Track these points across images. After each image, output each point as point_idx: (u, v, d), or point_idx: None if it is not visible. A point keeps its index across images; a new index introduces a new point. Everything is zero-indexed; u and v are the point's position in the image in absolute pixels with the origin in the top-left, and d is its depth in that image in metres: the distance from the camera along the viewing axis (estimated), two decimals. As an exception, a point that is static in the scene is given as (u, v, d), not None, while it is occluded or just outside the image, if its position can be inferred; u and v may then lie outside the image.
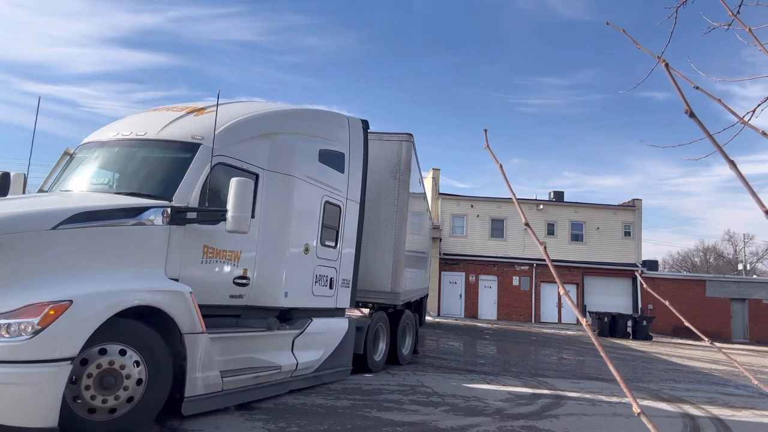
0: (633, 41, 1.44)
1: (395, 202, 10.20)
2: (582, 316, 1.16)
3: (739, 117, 1.23)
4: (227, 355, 6.10)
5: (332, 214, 8.36)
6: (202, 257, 5.99)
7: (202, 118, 6.69)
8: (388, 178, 10.31)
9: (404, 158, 10.38)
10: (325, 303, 8.23)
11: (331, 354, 8.20)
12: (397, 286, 10.03)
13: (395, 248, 10.07)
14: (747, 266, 54.83)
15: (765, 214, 1.02)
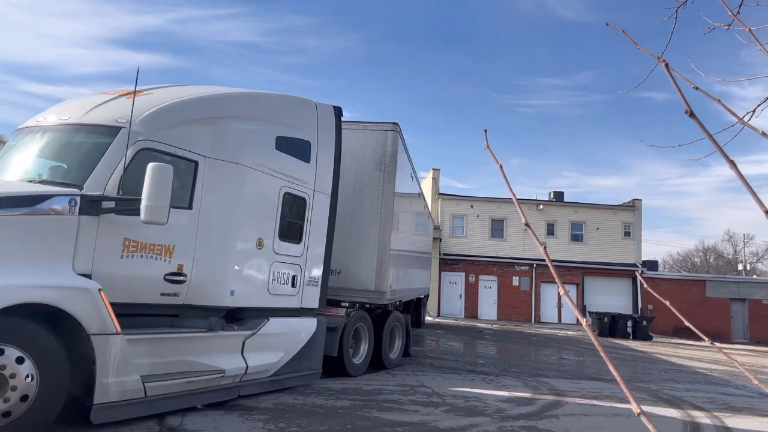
0: (633, 42, 1.44)
1: (380, 196, 9.62)
2: (582, 316, 1.16)
3: (738, 117, 1.23)
4: (155, 358, 5.57)
5: (295, 207, 7.71)
6: (123, 251, 5.42)
7: (134, 101, 6.17)
8: (372, 171, 9.72)
9: (389, 149, 9.77)
10: (286, 302, 7.58)
11: (294, 356, 7.59)
12: (382, 285, 9.47)
13: (380, 245, 9.50)
14: (747, 266, 54.83)
15: (765, 214, 1.02)
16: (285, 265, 7.50)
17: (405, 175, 11.41)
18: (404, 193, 11.57)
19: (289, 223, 7.58)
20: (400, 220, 11.18)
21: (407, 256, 13.37)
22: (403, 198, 11.55)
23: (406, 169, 11.59)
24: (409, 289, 14.23)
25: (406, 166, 11.50)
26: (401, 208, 11.23)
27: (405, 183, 11.57)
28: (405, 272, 12.82)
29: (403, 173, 11.12)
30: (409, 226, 13.29)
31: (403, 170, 10.94)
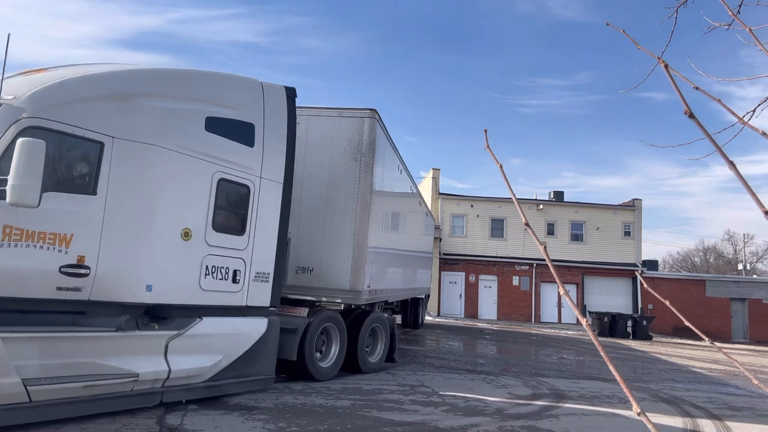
0: (633, 42, 1.45)
1: (356, 189, 8.92)
2: (582, 316, 1.16)
3: (738, 117, 1.23)
4: (47, 360, 5.04)
5: (234, 195, 7.00)
6: (2, 240, 4.91)
7: (31, 78, 5.65)
8: (347, 161, 9.03)
9: (366, 137, 9.07)
10: (226, 300, 6.84)
11: (237, 360, 6.87)
12: (358, 284, 8.80)
13: (355, 241, 8.82)
14: (747, 266, 54.80)
15: (765, 214, 1.02)
16: (222, 259, 6.72)
17: (388, 167, 10.68)
18: (388, 188, 10.93)
19: (227, 213, 6.90)
20: (384, 215, 10.59)
21: (396, 255, 12.90)
22: (388, 193, 10.91)
23: (390, 161, 10.87)
24: (400, 289, 13.72)
25: (390, 157, 10.74)
26: (385, 203, 10.60)
27: (389, 176, 10.86)
28: (392, 271, 12.29)
29: (386, 165, 10.39)
30: (398, 223, 12.79)
31: (385, 162, 10.23)
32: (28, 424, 5.16)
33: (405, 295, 15.55)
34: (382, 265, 10.82)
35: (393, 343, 10.48)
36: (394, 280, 12.64)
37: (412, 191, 14.82)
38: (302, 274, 8.64)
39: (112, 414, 5.73)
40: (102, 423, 5.40)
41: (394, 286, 12.76)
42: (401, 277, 13.98)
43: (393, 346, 10.49)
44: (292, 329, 8.01)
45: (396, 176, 11.82)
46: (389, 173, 10.85)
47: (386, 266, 11.47)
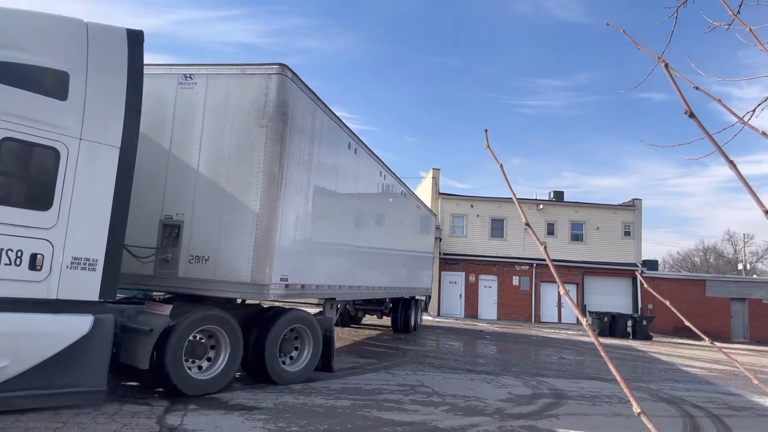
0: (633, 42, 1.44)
1: (260, 160, 7.43)
2: (582, 315, 1.16)
3: (738, 117, 1.23)
4: None
5: (30, 159, 5.70)
6: None
7: None
8: (251, 127, 7.55)
9: (274, 98, 7.56)
10: (16, 290, 5.41)
11: (37, 367, 5.50)
12: (261, 276, 7.25)
13: (259, 224, 7.31)
14: (747, 266, 54.79)
15: (765, 214, 1.02)
16: (9, 239, 5.39)
17: (323, 140, 9.05)
18: (328, 166, 9.40)
19: (17, 181, 5.65)
20: (322, 198, 9.16)
21: (362, 251, 11.65)
22: (327, 171, 9.35)
23: (329, 134, 9.28)
24: (372, 287, 12.45)
25: (326, 129, 9.18)
26: (321, 182, 9.09)
27: (328, 152, 9.36)
28: (353, 267, 10.97)
29: (317, 137, 8.80)
30: (366, 214, 11.57)
31: (315, 132, 8.68)
32: (29, 424, 5.17)
33: (380, 295, 14.33)
34: (324, 258, 9.43)
35: (329, 350, 8.98)
36: (356, 277, 11.27)
37: (383, 178, 13.19)
38: (196, 264, 7.29)
39: (112, 414, 5.74)
40: (102, 423, 5.40)
41: (358, 283, 11.36)
42: (374, 275, 12.79)
43: (329, 353, 8.98)
44: (146, 330, 6.50)
45: (345, 155, 10.21)
46: (327, 148, 9.29)
47: (336, 260, 10.09)
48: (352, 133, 10.67)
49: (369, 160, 11.96)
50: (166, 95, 7.83)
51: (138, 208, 7.20)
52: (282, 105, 7.64)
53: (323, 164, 9.17)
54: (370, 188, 12.38)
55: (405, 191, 15.79)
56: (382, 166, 13.07)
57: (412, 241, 17.58)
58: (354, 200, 11.12)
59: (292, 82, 7.83)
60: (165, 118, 7.79)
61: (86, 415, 5.62)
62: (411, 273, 17.43)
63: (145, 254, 7.31)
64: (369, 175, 12.02)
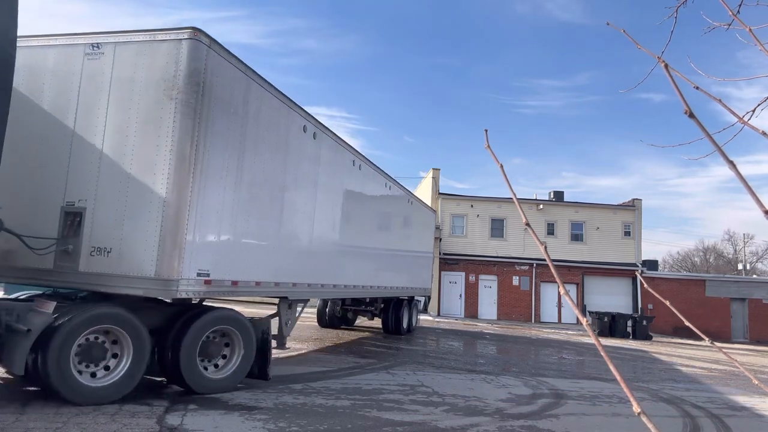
0: (633, 42, 1.45)
1: (169, 137, 6.51)
2: (582, 315, 1.16)
3: (738, 117, 1.23)
4: None
5: None
6: None
7: None
8: (160, 100, 6.65)
9: (185, 66, 6.61)
10: None
11: None
12: (169, 270, 6.37)
13: (166, 209, 6.42)
14: (747, 266, 54.80)
15: (764, 214, 1.02)
16: None
17: (260, 118, 8.04)
18: (268, 146, 8.33)
19: None
20: (258, 182, 8.10)
21: (325, 246, 10.71)
22: (269, 153, 8.35)
23: (266, 112, 8.21)
24: (338, 285, 11.40)
25: (265, 106, 8.14)
26: (259, 165, 8.05)
27: (267, 132, 8.28)
28: (302, 261, 9.71)
29: (252, 113, 7.82)
30: (319, 202, 10.20)
31: (249, 108, 7.73)
32: (29, 424, 5.17)
33: (357, 295, 13.65)
34: (269, 252, 8.51)
35: (265, 355, 7.99)
36: (321, 274, 10.40)
37: (358, 168, 12.21)
38: (98, 256, 6.44)
39: (112, 414, 5.74)
40: (102, 423, 5.40)
41: (324, 281, 10.52)
42: (350, 273, 11.96)
43: (265, 358, 7.98)
44: (22, 331, 5.70)
45: (299, 138, 9.22)
46: (270, 130, 8.31)
47: (289, 255, 9.18)
48: (309, 115, 9.60)
49: (334, 146, 10.89)
50: (71, 69, 6.97)
51: (37, 195, 6.68)
52: (195, 74, 6.66)
53: (264, 147, 8.16)
54: (338, 178, 11.23)
55: (391, 184, 14.83)
56: (356, 155, 12.09)
57: (403, 238, 16.57)
58: (313, 190, 9.99)
59: (209, 49, 6.85)
60: (70, 94, 6.92)
61: (86, 415, 5.62)
62: (403, 272, 16.61)
63: (44, 245, 6.49)
64: (335, 163, 10.92)
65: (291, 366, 9.84)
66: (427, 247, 20.20)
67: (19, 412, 5.48)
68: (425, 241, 19.76)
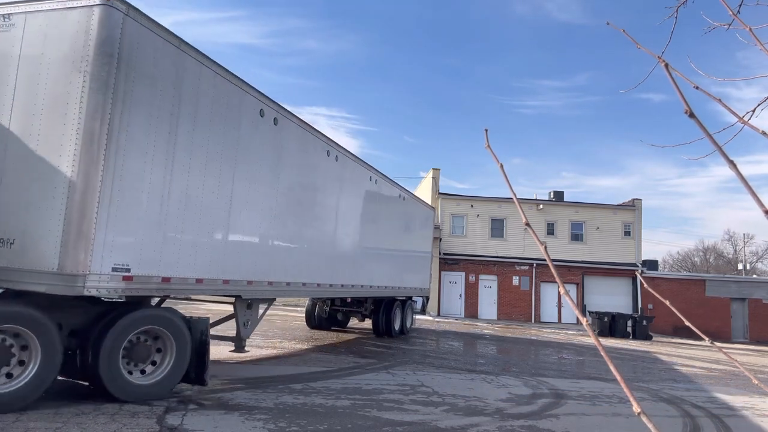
0: (633, 41, 1.44)
1: (76, 114, 5.88)
2: (582, 315, 1.16)
3: (738, 117, 1.23)
4: None
5: None
6: None
7: None
8: (69, 74, 5.98)
9: (95, 35, 5.93)
10: None
11: None
12: (74, 263, 5.68)
13: (70, 193, 5.75)
14: (747, 266, 54.80)
15: (765, 214, 1.02)
16: None
17: (202, 100, 7.29)
18: (208, 129, 7.43)
19: None
20: (197, 168, 7.25)
21: (293, 242, 9.96)
22: (212, 137, 7.51)
23: (207, 90, 7.41)
24: (311, 284, 10.62)
25: (204, 83, 7.34)
26: (199, 150, 7.27)
27: (210, 113, 7.47)
28: (263, 256, 8.93)
29: (188, 94, 7.04)
30: (282, 194, 9.40)
31: (182, 86, 6.93)
32: (29, 424, 5.17)
33: (330, 294, 12.98)
34: (216, 246, 7.74)
35: (203, 359, 7.16)
36: (287, 271, 9.67)
37: (334, 159, 11.44)
38: (0, 248, 5.86)
39: (112, 414, 5.74)
40: (102, 423, 5.40)
41: (292, 279, 9.80)
42: (325, 271, 11.17)
43: (203, 362, 7.15)
44: None
45: (252, 123, 8.44)
46: (214, 111, 7.51)
47: (244, 250, 8.47)
48: (269, 99, 8.83)
49: (302, 134, 10.02)
50: None
51: None
52: (107, 44, 5.96)
53: (206, 129, 7.39)
54: (308, 169, 10.42)
55: (377, 178, 14.06)
56: (332, 145, 11.31)
57: (393, 235, 15.69)
58: (275, 179, 9.19)
59: (126, 17, 6.15)
60: None
61: (86, 415, 5.62)
62: (393, 271, 15.73)
63: None
64: (303, 153, 10.12)
65: (291, 366, 9.85)
66: (423, 245, 19.06)
67: (19, 411, 5.48)
68: (421, 239, 18.68)
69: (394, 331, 16.44)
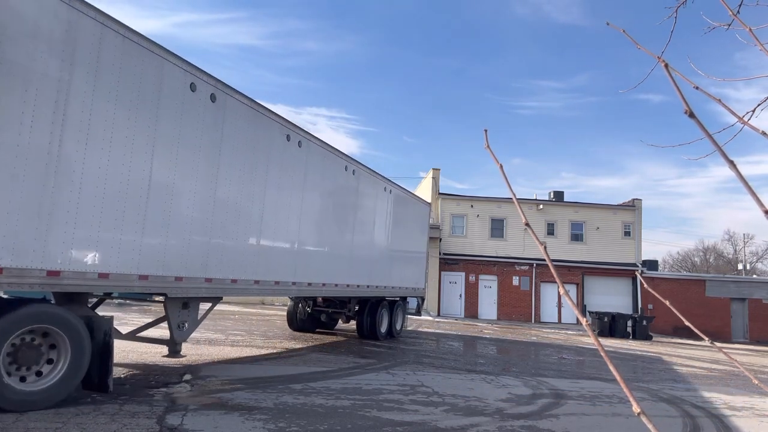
0: (633, 41, 1.44)
1: None
2: (582, 316, 1.16)
3: (738, 117, 1.23)
4: None
5: None
6: None
7: None
8: None
9: None
10: None
11: None
12: None
13: None
14: (747, 266, 54.80)
15: (765, 214, 1.02)
16: None
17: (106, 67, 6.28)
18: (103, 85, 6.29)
19: None
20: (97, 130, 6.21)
21: (239, 233, 8.87)
22: (109, 97, 6.37)
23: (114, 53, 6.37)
24: (255, 281, 9.27)
25: (68, 22, 5.91)
26: (80, 108, 6.02)
27: (117, 85, 6.45)
28: (193, 246, 7.78)
29: (78, 55, 5.96)
30: (215, 175, 8.22)
31: (77, 46, 5.93)
32: (29, 424, 5.17)
33: (293, 294, 11.70)
34: (125, 231, 6.63)
35: (106, 362, 6.40)
36: (226, 265, 8.56)
37: (297, 146, 10.44)
38: None
39: (112, 414, 5.74)
40: (102, 423, 5.40)
41: (231, 276, 8.65)
42: (275, 266, 9.92)
43: (105, 366, 6.39)
44: None
45: (174, 91, 7.36)
46: (107, 73, 6.35)
47: (169, 236, 7.39)
48: (202, 72, 7.87)
49: (252, 115, 9.04)
50: None
51: None
52: None
53: (107, 97, 6.36)
54: (260, 153, 9.33)
55: (354, 168, 12.99)
56: (292, 129, 10.27)
57: (379, 231, 14.58)
58: (215, 163, 8.20)
59: None
60: None
61: (86, 415, 5.62)
62: (379, 270, 14.62)
63: None
64: (253, 139, 9.11)
65: (291, 366, 9.84)
66: (417, 243, 17.79)
67: (19, 412, 5.48)
68: (414, 236, 17.46)
69: (381, 334, 15.36)
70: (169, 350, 8.06)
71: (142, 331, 8.76)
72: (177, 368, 8.53)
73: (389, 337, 16.01)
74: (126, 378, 7.67)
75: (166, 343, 8.13)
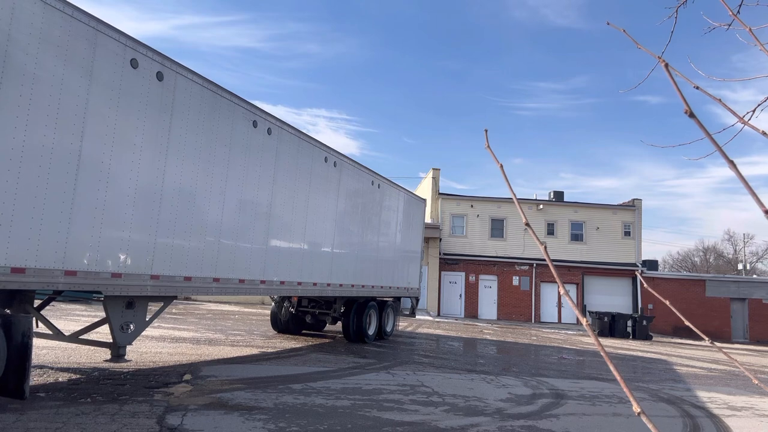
0: (633, 41, 1.44)
1: None
2: (582, 315, 1.16)
3: (739, 117, 1.23)
4: None
5: None
6: None
7: None
8: None
9: None
10: None
11: None
12: None
13: None
14: (747, 266, 54.77)
15: (765, 214, 1.02)
16: None
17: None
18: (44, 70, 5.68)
19: None
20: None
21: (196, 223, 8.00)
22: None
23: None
24: (213, 279, 8.39)
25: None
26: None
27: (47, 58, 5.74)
28: (137, 235, 6.97)
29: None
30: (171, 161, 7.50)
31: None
32: (29, 424, 5.17)
33: (263, 293, 9.99)
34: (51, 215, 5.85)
35: (22, 366, 5.61)
36: (177, 260, 7.69)
37: (267, 134, 9.71)
38: None
39: (112, 414, 5.74)
40: (102, 423, 5.40)
41: (184, 273, 7.79)
42: (241, 262, 9.06)
43: (22, 369, 5.61)
44: None
45: (112, 67, 6.54)
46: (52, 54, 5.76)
47: (116, 225, 6.69)
48: (162, 56, 7.34)
49: (214, 100, 8.41)
50: None
51: None
52: None
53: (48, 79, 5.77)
54: (221, 143, 8.55)
55: (336, 160, 12.21)
56: (264, 117, 9.70)
57: (365, 228, 13.85)
58: (159, 137, 7.34)
59: None
60: None
61: (86, 415, 5.62)
62: (366, 269, 13.89)
63: None
64: (214, 129, 8.38)
65: (291, 366, 9.84)
66: (411, 241, 16.92)
67: (19, 412, 5.48)
68: (407, 234, 16.61)
69: (368, 336, 14.57)
70: (111, 354, 7.21)
71: (86, 332, 7.74)
72: (177, 368, 8.53)
73: (378, 340, 15.32)
74: (126, 378, 7.66)
75: (108, 347, 7.25)
